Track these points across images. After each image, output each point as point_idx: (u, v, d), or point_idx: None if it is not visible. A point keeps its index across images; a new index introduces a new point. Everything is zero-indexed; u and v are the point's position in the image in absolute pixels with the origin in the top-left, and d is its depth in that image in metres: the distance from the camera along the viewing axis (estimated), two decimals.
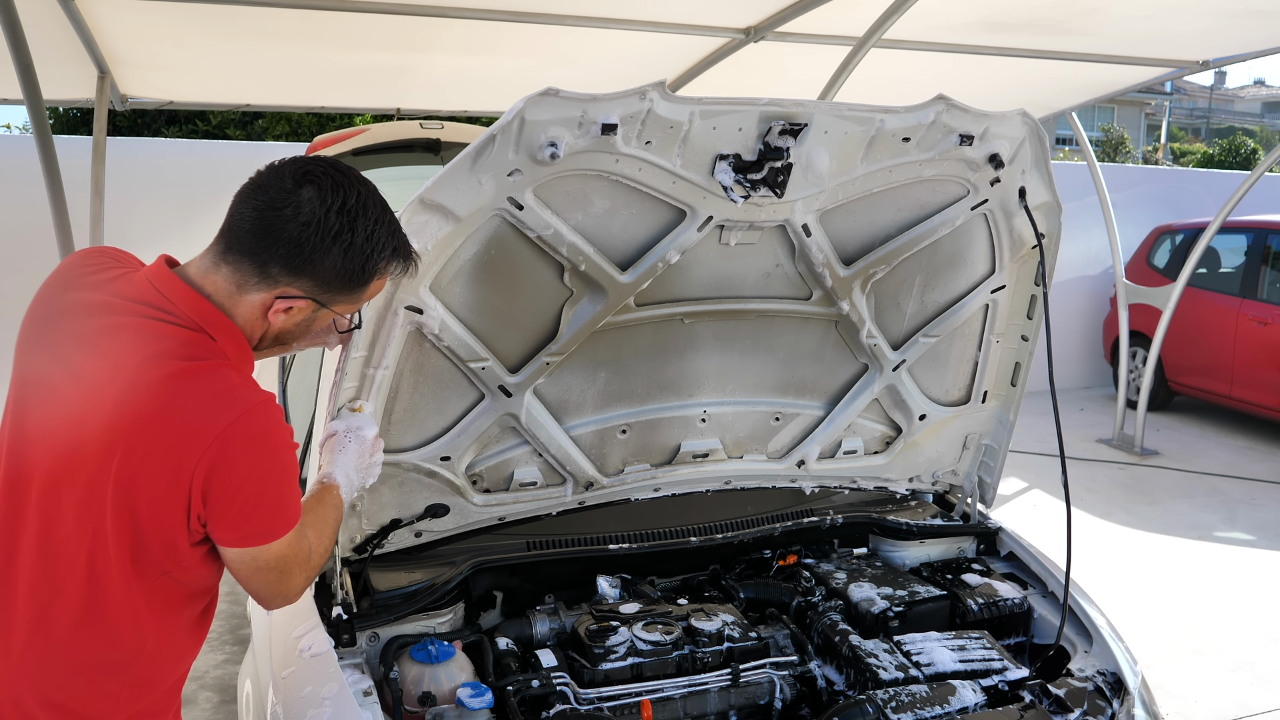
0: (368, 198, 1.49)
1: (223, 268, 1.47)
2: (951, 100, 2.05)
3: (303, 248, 1.44)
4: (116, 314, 1.43)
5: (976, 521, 2.82)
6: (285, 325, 1.53)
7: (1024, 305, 2.57)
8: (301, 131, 10.96)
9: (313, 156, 1.52)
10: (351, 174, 1.50)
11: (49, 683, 1.44)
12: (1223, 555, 5.53)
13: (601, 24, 4.54)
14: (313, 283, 1.48)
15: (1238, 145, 24.17)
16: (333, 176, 1.46)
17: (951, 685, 2.08)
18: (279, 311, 1.49)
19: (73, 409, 1.39)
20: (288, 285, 1.47)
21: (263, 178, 1.47)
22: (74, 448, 1.38)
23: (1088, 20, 4.64)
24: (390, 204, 1.56)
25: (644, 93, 1.81)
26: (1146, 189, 10.19)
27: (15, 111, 23.39)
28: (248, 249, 1.45)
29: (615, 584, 2.46)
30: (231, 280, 1.47)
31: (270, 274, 1.46)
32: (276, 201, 1.43)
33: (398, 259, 1.55)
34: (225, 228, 1.49)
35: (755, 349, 2.46)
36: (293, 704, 1.90)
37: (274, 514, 1.47)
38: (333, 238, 1.45)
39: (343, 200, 1.45)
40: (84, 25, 4.38)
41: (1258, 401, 7.80)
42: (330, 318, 1.58)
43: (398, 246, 1.54)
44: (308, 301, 1.50)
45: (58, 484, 1.40)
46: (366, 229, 1.47)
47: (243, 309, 1.48)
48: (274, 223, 1.43)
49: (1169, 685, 4.03)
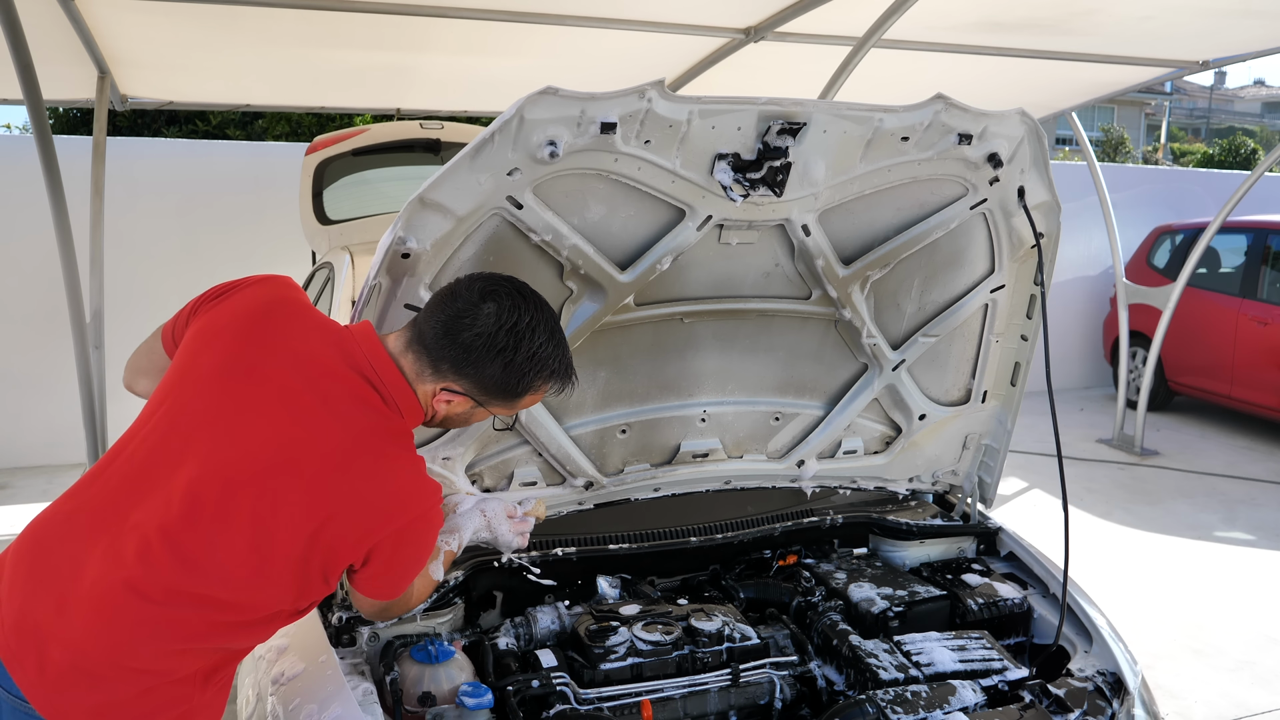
0: (539, 321, 1.71)
1: (409, 354, 1.71)
2: (950, 99, 2.05)
3: (470, 354, 1.68)
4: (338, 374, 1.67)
5: (976, 521, 2.82)
6: (448, 414, 1.77)
7: (1023, 305, 2.57)
8: (301, 131, 10.96)
9: (503, 277, 1.75)
10: (531, 297, 1.72)
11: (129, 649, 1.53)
12: (1223, 555, 5.53)
13: (601, 24, 4.54)
14: (473, 385, 1.72)
15: (1238, 145, 24.17)
16: (513, 299, 1.69)
17: (951, 685, 2.08)
18: (442, 401, 1.73)
19: (292, 447, 1.60)
20: (452, 381, 1.71)
21: (458, 286, 1.72)
22: (280, 475, 1.58)
23: (1088, 20, 4.64)
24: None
25: (643, 92, 1.81)
26: (1146, 189, 10.20)
27: (15, 111, 23.42)
28: (428, 345, 1.70)
29: (615, 584, 2.46)
30: (413, 368, 1.71)
31: (440, 370, 1.70)
32: (462, 311, 1.68)
33: (555, 380, 1.77)
34: (417, 321, 1.74)
35: (755, 349, 2.46)
36: (292, 704, 1.90)
37: (403, 584, 1.79)
38: (497, 352, 1.67)
39: (515, 321, 1.68)
40: (84, 25, 4.38)
41: (1258, 401, 7.80)
42: (487, 415, 1.82)
43: (555, 370, 1.76)
44: (466, 399, 1.74)
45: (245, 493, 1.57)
46: (529, 350, 1.69)
47: (420, 392, 1.73)
48: (454, 329, 1.68)
49: (1169, 685, 4.03)
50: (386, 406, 1.68)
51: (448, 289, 1.73)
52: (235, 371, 1.64)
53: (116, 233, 6.22)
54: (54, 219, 4.24)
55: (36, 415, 6.81)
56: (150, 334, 1.88)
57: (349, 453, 1.62)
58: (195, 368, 1.66)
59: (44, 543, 1.59)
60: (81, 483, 1.66)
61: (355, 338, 1.71)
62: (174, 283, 6.87)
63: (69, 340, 4.49)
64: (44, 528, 1.62)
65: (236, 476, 1.57)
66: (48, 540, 1.59)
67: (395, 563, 1.71)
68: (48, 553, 1.57)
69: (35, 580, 1.55)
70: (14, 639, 1.51)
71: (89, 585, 1.52)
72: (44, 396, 6.74)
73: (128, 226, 6.73)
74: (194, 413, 1.61)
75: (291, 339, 1.68)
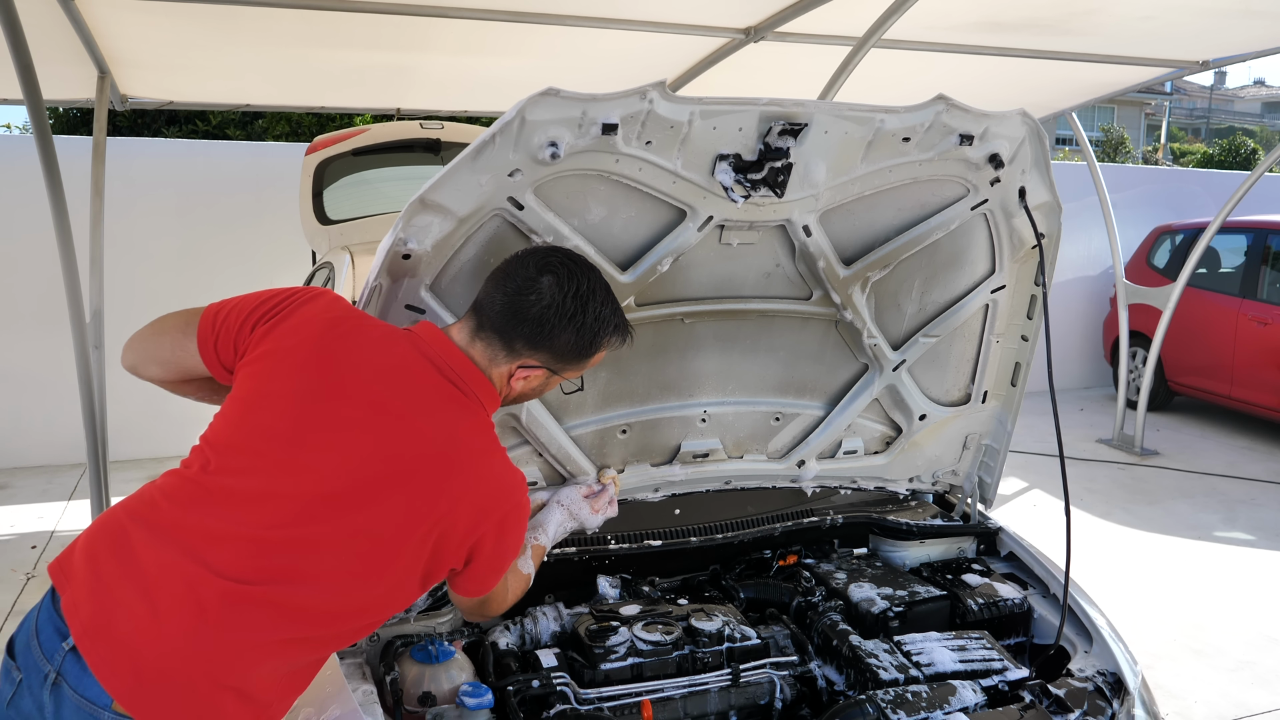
0: (595, 284, 1.79)
1: (477, 343, 1.77)
2: (951, 100, 2.05)
3: (543, 327, 1.74)
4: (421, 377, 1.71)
5: (976, 522, 2.82)
6: (524, 389, 1.84)
7: (1024, 305, 2.57)
8: (301, 131, 10.94)
9: (551, 248, 1.82)
10: (582, 262, 1.80)
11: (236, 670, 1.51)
12: (1223, 555, 5.53)
13: (601, 24, 4.54)
14: (549, 355, 1.79)
15: (1238, 145, 24.17)
16: (568, 266, 1.76)
17: (951, 685, 2.08)
18: (520, 378, 1.80)
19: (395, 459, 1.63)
20: (528, 357, 1.78)
21: (510, 266, 1.77)
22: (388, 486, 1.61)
23: (1088, 20, 4.64)
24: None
25: (644, 93, 1.81)
26: (1146, 189, 10.20)
27: (15, 111, 23.41)
28: (497, 328, 1.75)
29: (615, 584, 2.46)
30: (485, 354, 1.77)
31: (515, 349, 1.76)
32: (523, 288, 1.73)
33: (617, 334, 1.85)
34: (476, 306, 1.78)
35: (755, 349, 2.46)
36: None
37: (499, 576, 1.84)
38: (568, 319, 1.75)
39: (576, 287, 1.75)
40: (84, 25, 4.38)
41: (1258, 401, 7.80)
42: (559, 381, 1.90)
43: (618, 324, 1.84)
44: (543, 370, 1.81)
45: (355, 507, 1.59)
46: (595, 310, 1.77)
47: (495, 375, 1.78)
48: (520, 306, 1.74)
49: (1169, 685, 4.03)
50: (468, 399, 1.73)
51: (500, 271, 1.78)
52: (321, 392, 1.65)
53: (116, 233, 6.21)
54: (54, 219, 4.24)
55: (36, 415, 6.81)
56: (164, 318, 1.84)
57: (449, 455, 1.66)
58: (272, 391, 1.66)
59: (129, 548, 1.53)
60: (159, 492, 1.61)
61: (424, 339, 1.75)
62: (174, 283, 6.91)
63: (69, 340, 4.49)
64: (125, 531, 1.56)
65: (343, 493, 1.58)
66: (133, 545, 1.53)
67: (495, 555, 1.77)
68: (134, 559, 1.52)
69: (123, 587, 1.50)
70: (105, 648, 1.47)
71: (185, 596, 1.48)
72: (44, 396, 6.74)
73: (128, 226, 6.73)
74: (283, 434, 1.61)
75: (366, 350, 1.71)
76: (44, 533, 5.61)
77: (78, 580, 1.53)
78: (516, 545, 1.82)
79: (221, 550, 1.52)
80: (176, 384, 1.90)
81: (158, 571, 1.50)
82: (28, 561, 5.17)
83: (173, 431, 6.28)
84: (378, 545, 1.60)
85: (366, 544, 1.59)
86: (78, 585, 1.52)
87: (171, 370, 1.83)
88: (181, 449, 1.74)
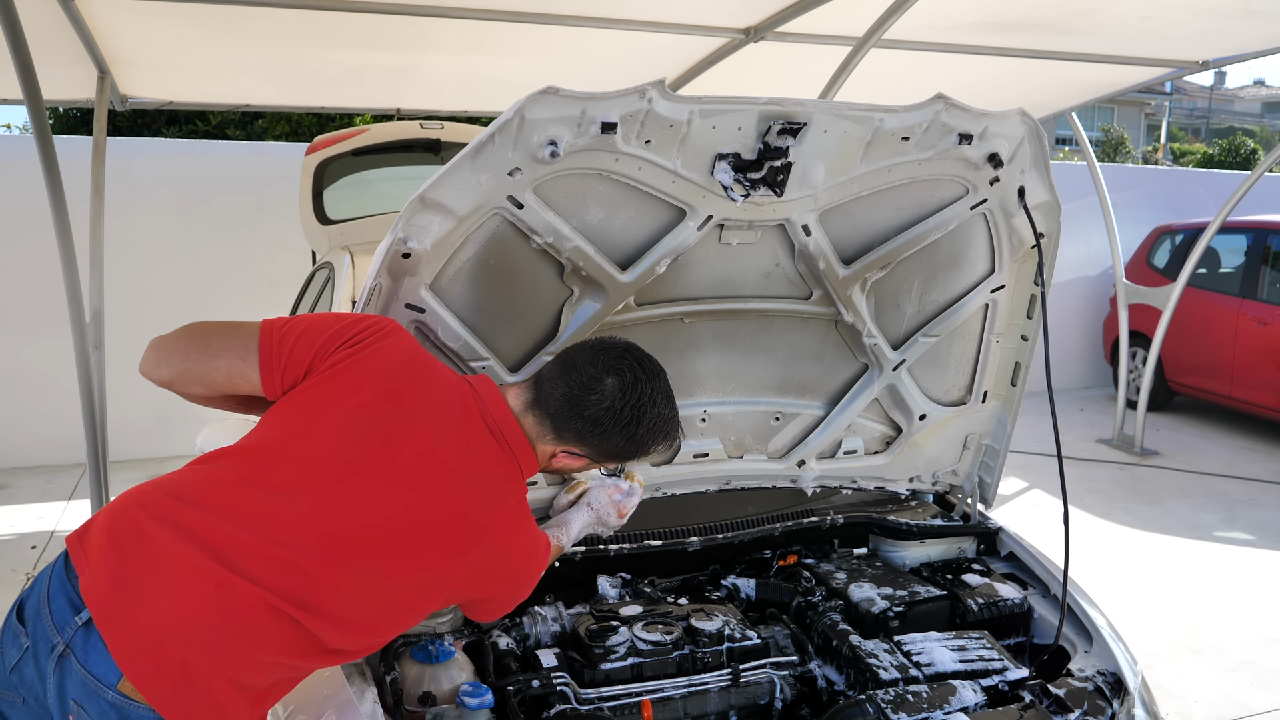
0: (657, 393, 1.82)
1: (529, 416, 1.81)
2: (950, 99, 2.05)
3: (596, 428, 1.79)
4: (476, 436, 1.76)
5: (976, 522, 2.82)
6: (564, 467, 1.89)
7: (1024, 305, 2.57)
8: (301, 131, 10.95)
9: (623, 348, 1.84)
10: (650, 367, 1.83)
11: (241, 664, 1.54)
12: (1223, 555, 5.53)
13: (601, 24, 4.54)
14: (595, 450, 1.84)
15: (1238, 145, 24.17)
16: (635, 372, 1.80)
17: (951, 685, 2.08)
18: (561, 461, 1.86)
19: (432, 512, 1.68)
20: (575, 446, 1.83)
21: (578, 356, 1.81)
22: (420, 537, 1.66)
23: (1088, 20, 4.64)
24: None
25: (644, 91, 1.81)
26: (1146, 189, 10.20)
27: (15, 111, 23.41)
28: (552, 413, 1.80)
29: (615, 584, 2.46)
30: (534, 429, 1.82)
31: (564, 437, 1.81)
32: (586, 385, 1.78)
33: (666, 440, 1.89)
34: (538, 383, 1.83)
35: (755, 349, 2.46)
36: (292, 704, 1.90)
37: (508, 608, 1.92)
38: (622, 426, 1.79)
39: (638, 397, 1.79)
40: (84, 25, 4.38)
41: (1258, 401, 7.80)
42: (599, 466, 1.97)
43: (669, 433, 1.88)
44: (584, 459, 1.87)
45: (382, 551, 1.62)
46: (650, 421, 1.81)
47: (539, 449, 1.83)
48: (579, 402, 1.78)
49: (1169, 685, 4.03)
50: (513, 467, 1.78)
51: (568, 357, 1.83)
52: (378, 435, 1.67)
53: (116, 233, 6.20)
54: (54, 219, 4.23)
55: (36, 415, 6.81)
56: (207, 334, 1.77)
57: (485, 522, 1.73)
58: (331, 421, 1.67)
59: (154, 539, 1.53)
60: (186, 487, 1.60)
61: (481, 396, 1.79)
62: (174, 283, 6.92)
63: (69, 340, 4.49)
64: (151, 521, 1.55)
65: (377, 539, 1.61)
66: (158, 538, 1.53)
67: (507, 605, 1.89)
68: (159, 551, 1.52)
69: (147, 578, 1.50)
70: (126, 635, 1.48)
71: (212, 595, 1.50)
72: (44, 396, 6.74)
73: (128, 226, 6.72)
74: (333, 467, 1.63)
75: (430, 398, 1.74)
76: (44, 533, 5.61)
77: (96, 562, 1.53)
78: (528, 592, 1.90)
79: (254, 560, 1.53)
80: (214, 400, 1.85)
81: (184, 567, 1.51)
82: (28, 561, 5.17)
83: (173, 431, 6.28)
84: (401, 595, 1.66)
85: (391, 592, 1.64)
86: (96, 567, 1.52)
87: (218, 390, 1.78)
88: (181, 449, 1.75)
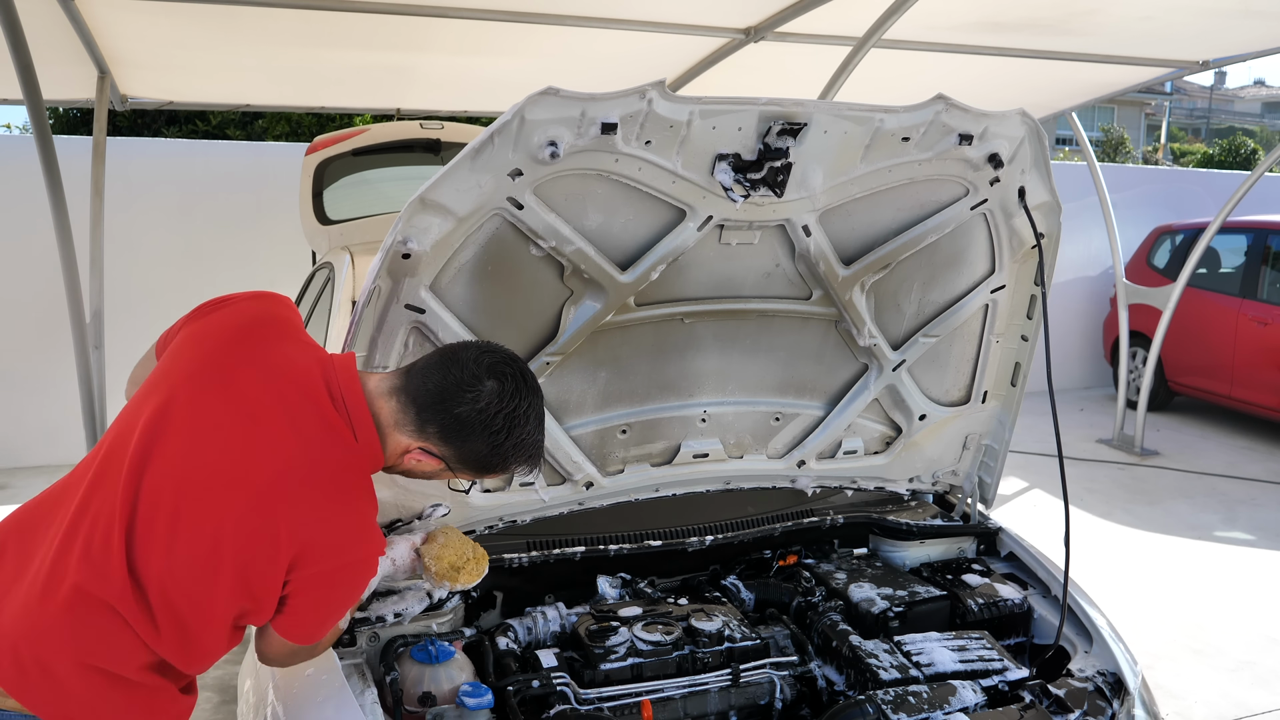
0: (532, 410, 1.70)
1: (393, 400, 1.67)
2: (951, 100, 2.05)
3: (462, 429, 1.65)
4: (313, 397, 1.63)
5: (976, 522, 2.82)
6: (414, 469, 1.73)
7: (1024, 305, 2.57)
8: (301, 131, 10.95)
9: (509, 355, 1.71)
10: (531, 384, 1.71)
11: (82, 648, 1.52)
12: (1223, 555, 5.53)
13: (601, 24, 4.54)
14: (453, 453, 1.68)
15: (1238, 145, 24.16)
16: (516, 382, 1.67)
17: (951, 685, 2.08)
18: (415, 458, 1.70)
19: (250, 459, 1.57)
20: (434, 445, 1.67)
21: (463, 353, 1.68)
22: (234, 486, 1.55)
23: (1088, 20, 4.64)
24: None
25: (644, 92, 1.81)
26: (1146, 189, 10.20)
27: (15, 111, 23.40)
28: (419, 403, 1.65)
29: (615, 584, 2.46)
30: (394, 415, 1.67)
31: (425, 431, 1.66)
32: (464, 382, 1.64)
33: (528, 463, 1.75)
34: (411, 370, 1.69)
35: (755, 349, 2.46)
36: (292, 704, 1.90)
37: (323, 630, 1.73)
38: (490, 433, 1.65)
39: (514, 407, 1.66)
40: (84, 25, 4.38)
41: (1258, 401, 7.80)
42: (448, 478, 1.79)
43: (533, 456, 1.74)
44: (439, 462, 1.70)
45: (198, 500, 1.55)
46: (519, 436, 1.68)
47: (392, 440, 1.68)
48: (453, 397, 1.64)
49: (1169, 685, 4.03)
50: (355, 441, 1.64)
51: (450, 352, 1.69)
52: (210, 380, 1.61)
53: (116, 233, 6.21)
54: (54, 219, 4.24)
55: (36, 415, 6.80)
56: (146, 354, 1.87)
57: (307, 476, 1.59)
58: (173, 373, 1.64)
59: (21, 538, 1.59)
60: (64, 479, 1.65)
61: (336, 367, 1.67)
62: (174, 283, 6.90)
63: (69, 340, 4.49)
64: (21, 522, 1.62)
65: (192, 483, 1.54)
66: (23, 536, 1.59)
67: (322, 603, 1.68)
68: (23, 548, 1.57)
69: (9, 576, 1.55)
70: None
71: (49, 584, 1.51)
72: (44, 396, 6.74)
73: (128, 226, 6.72)
74: (164, 417, 1.58)
75: (272, 354, 1.65)
76: None
77: None
78: (346, 603, 1.72)
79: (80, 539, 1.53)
80: None
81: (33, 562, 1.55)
82: None
83: None
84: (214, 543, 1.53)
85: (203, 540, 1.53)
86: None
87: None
88: None
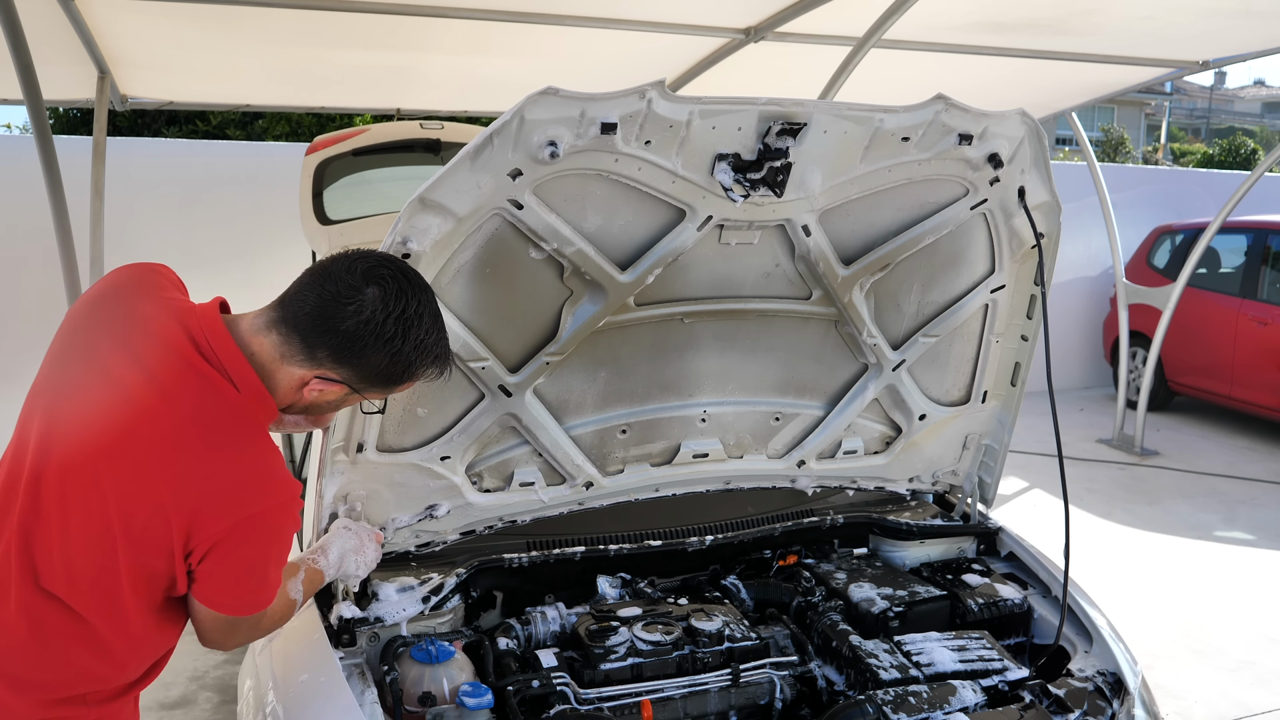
0: (424, 308, 1.57)
1: (273, 334, 1.54)
2: (950, 100, 2.05)
3: (354, 344, 1.52)
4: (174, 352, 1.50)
5: (976, 522, 2.82)
6: (317, 400, 1.62)
7: (1024, 305, 2.57)
8: (301, 131, 10.94)
9: (384, 257, 1.59)
10: (415, 280, 1.58)
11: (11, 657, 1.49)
12: (1223, 555, 5.53)
13: (601, 24, 4.54)
14: (353, 373, 1.57)
15: (1238, 145, 24.16)
16: (399, 282, 1.54)
17: (951, 685, 2.08)
18: (314, 389, 1.58)
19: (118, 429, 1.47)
20: (330, 369, 1.56)
21: (334, 266, 1.54)
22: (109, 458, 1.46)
23: (1088, 20, 4.64)
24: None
25: (643, 92, 1.81)
26: (1146, 189, 10.19)
27: (15, 111, 23.39)
28: (301, 329, 1.53)
29: (615, 584, 2.46)
30: (277, 349, 1.54)
31: (316, 357, 1.54)
32: (341, 294, 1.51)
33: (436, 365, 1.63)
34: (284, 299, 1.56)
35: (755, 349, 2.46)
36: (292, 704, 1.90)
37: (251, 595, 1.61)
38: (384, 341, 1.53)
39: (403, 308, 1.53)
40: (84, 25, 4.38)
41: (1258, 401, 7.80)
42: (358, 400, 1.67)
43: (439, 356, 1.62)
44: (342, 386, 1.59)
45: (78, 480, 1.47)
46: (416, 338, 1.56)
47: (282, 376, 1.56)
48: (334, 313, 1.51)
49: (1169, 685, 4.03)
50: (236, 391, 1.52)
51: (320, 268, 1.56)
52: (71, 358, 1.53)
53: (116, 233, 6.20)
54: (54, 219, 4.24)
55: None
56: None
57: (178, 435, 1.48)
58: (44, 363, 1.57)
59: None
60: None
61: (197, 314, 1.55)
62: None
63: None
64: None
65: (69, 463, 1.47)
66: None
67: (236, 564, 1.55)
68: None
69: None
70: None
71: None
72: None
73: (128, 226, 6.72)
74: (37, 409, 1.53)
75: (128, 317, 1.53)
76: None
77: None
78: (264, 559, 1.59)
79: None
80: None
81: None
82: None
83: None
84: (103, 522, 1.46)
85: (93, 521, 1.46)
86: None
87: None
88: None
